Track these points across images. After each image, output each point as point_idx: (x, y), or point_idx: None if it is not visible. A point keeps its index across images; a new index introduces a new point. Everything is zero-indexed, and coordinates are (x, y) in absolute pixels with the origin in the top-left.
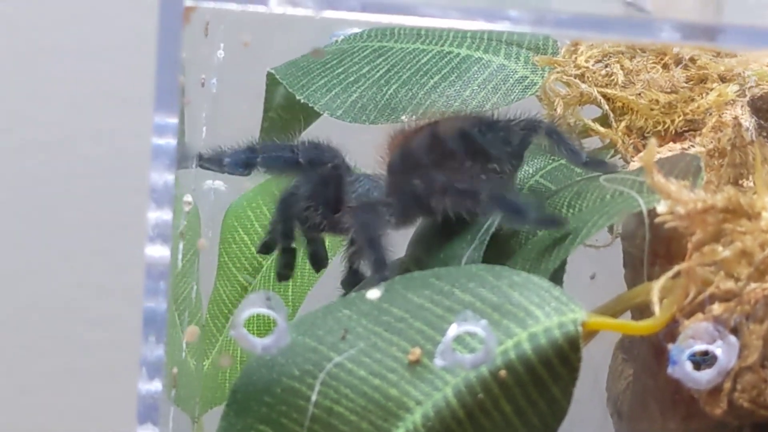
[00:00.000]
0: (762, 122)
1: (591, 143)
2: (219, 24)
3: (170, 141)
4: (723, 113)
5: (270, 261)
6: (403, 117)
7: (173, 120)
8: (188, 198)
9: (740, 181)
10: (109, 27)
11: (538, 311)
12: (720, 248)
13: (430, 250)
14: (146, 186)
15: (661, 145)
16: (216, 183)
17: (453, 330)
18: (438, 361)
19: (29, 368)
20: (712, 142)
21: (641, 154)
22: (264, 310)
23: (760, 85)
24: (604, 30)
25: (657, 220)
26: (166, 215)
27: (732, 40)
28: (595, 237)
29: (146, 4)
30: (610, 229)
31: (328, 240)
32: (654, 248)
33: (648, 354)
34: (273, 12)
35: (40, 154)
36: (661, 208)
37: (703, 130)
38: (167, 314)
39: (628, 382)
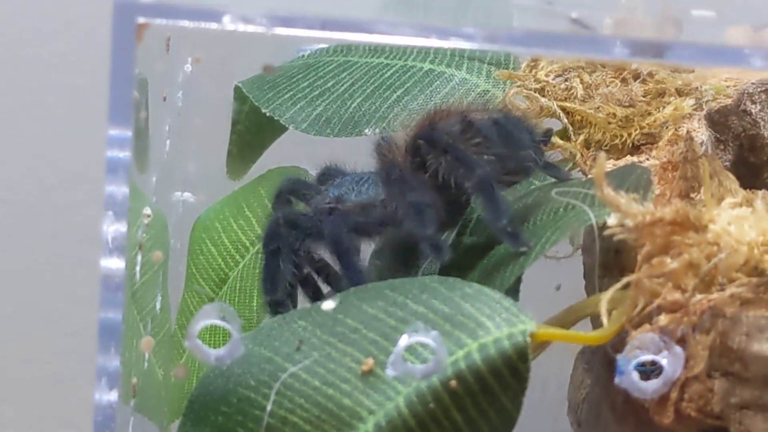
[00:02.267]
0: (719, 136)
1: (551, 156)
2: (185, 40)
3: (124, 154)
4: (680, 127)
5: (236, 273)
6: (367, 130)
7: (127, 133)
8: (147, 210)
9: (691, 194)
10: (75, 40)
11: (488, 322)
12: (668, 260)
13: (390, 261)
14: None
15: (618, 158)
16: (185, 195)
17: (404, 340)
18: (390, 372)
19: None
20: (666, 155)
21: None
22: (218, 322)
23: (717, 99)
24: (558, 47)
25: (606, 232)
26: (122, 227)
27: (680, 57)
28: (555, 248)
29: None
30: (572, 241)
31: None
32: (605, 260)
33: (601, 364)
34: (225, 29)
35: (10, 164)
36: (611, 220)
37: (660, 144)
38: (124, 325)
39: (586, 392)
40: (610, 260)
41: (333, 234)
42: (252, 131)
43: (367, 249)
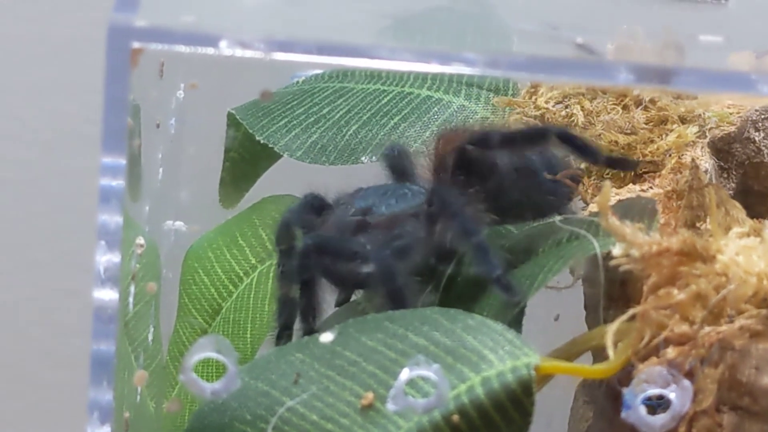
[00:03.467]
0: (722, 164)
1: None
2: (178, 65)
3: (117, 182)
4: (683, 155)
5: (229, 303)
6: (363, 158)
7: (120, 161)
8: (140, 240)
9: (697, 224)
10: (71, 65)
11: (491, 355)
12: (675, 291)
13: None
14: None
15: (620, 187)
16: (177, 224)
17: (405, 374)
18: (390, 406)
19: None
20: (670, 183)
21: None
22: (213, 355)
23: (720, 126)
24: (560, 73)
25: (612, 263)
26: (115, 257)
27: (686, 83)
28: (556, 279)
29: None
30: (572, 271)
31: None
32: (610, 291)
33: (604, 398)
34: (222, 54)
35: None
36: (616, 251)
37: (663, 172)
38: (116, 357)
39: (588, 425)
40: (615, 291)
41: (379, 260)
42: (245, 159)
43: None
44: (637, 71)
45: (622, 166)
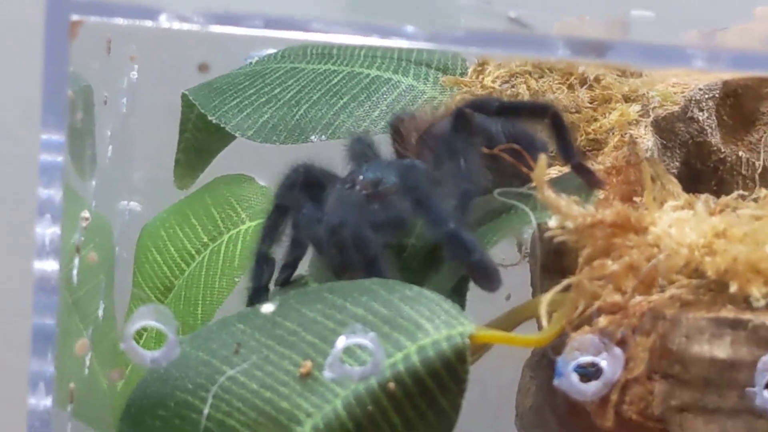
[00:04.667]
0: (666, 143)
1: None
2: (131, 44)
3: (59, 157)
4: (626, 133)
5: (181, 281)
6: (313, 137)
7: (61, 137)
8: (86, 214)
9: (635, 198)
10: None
11: (427, 324)
12: (609, 262)
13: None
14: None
15: (563, 165)
16: (131, 203)
17: (341, 342)
18: (327, 374)
19: None
20: (611, 160)
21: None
22: (153, 323)
23: (664, 105)
24: (499, 46)
25: (546, 234)
26: (58, 230)
27: (622, 57)
28: (503, 256)
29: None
30: (519, 248)
31: None
32: (546, 262)
33: (545, 369)
34: (161, 27)
35: None
36: (552, 223)
37: (605, 150)
38: (59, 328)
39: (533, 399)
40: (550, 262)
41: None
42: (199, 139)
43: None
44: (573, 45)
45: (586, 178)
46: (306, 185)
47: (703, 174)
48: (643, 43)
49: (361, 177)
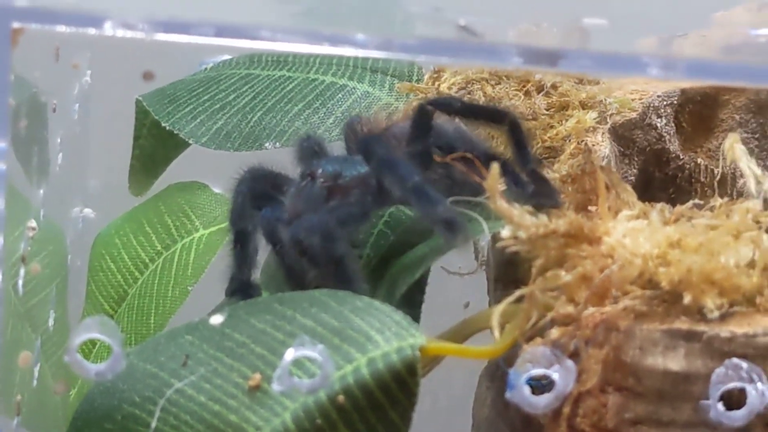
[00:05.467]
0: (623, 150)
1: None
2: (84, 51)
3: (1, 166)
4: (582, 140)
5: (135, 290)
6: (267, 144)
7: (3, 144)
8: (32, 223)
9: (590, 207)
10: None
11: (378, 336)
12: (562, 273)
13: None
14: None
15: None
16: (85, 211)
17: (290, 354)
18: (275, 386)
19: None
20: (567, 168)
21: None
22: (98, 336)
23: (621, 112)
24: (452, 55)
25: (499, 244)
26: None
27: (575, 66)
28: (459, 265)
29: None
30: (476, 256)
31: None
32: (499, 273)
33: (500, 380)
34: (106, 34)
35: None
36: (505, 232)
37: (561, 157)
38: (2, 338)
39: (488, 410)
40: (503, 272)
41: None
42: (154, 146)
43: None
44: (526, 54)
45: (541, 187)
46: (257, 194)
47: (661, 181)
48: (597, 51)
49: (320, 170)
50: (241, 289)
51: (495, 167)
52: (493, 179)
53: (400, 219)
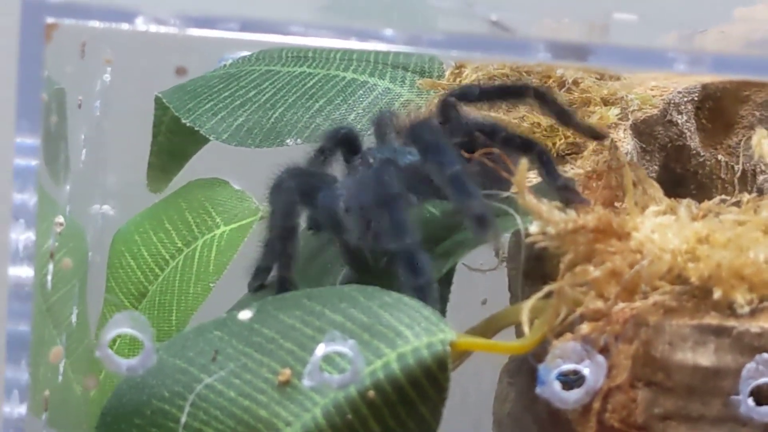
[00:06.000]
0: (645, 146)
1: None
2: (104, 46)
3: (34, 161)
4: None
5: (155, 287)
6: (289, 141)
7: (35, 140)
8: (60, 219)
9: (616, 203)
10: None
11: (407, 331)
12: (591, 268)
13: (306, 268)
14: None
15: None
16: (104, 207)
17: (320, 350)
18: (306, 382)
19: None
20: (591, 164)
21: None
22: (129, 331)
23: (642, 108)
24: (480, 49)
25: (528, 240)
26: (32, 236)
27: (603, 60)
28: (480, 261)
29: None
30: (497, 252)
31: None
32: (527, 268)
33: (525, 376)
34: (138, 30)
35: None
36: (533, 228)
37: (584, 153)
38: (33, 335)
39: (511, 406)
40: (531, 268)
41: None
42: (173, 142)
43: None
44: (554, 48)
45: (591, 134)
46: (303, 191)
47: (682, 177)
48: (624, 46)
49: (374, 158)
50: (284, 287)
51: (523, 162)
52: (521, 175)
53: (424, 216)
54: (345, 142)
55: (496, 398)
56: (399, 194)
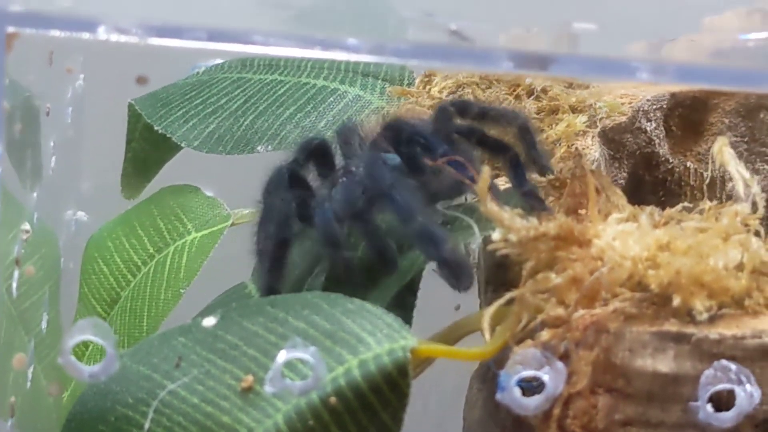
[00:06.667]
0: (613, 153)
1: None
2: (78, 55)
3: None
4: (572, 144)
5: (127, 293)
6: (259, 148)
7: None
8: (26, 226)
9: (580, 211)
10: None
11: (369, 338)
12: (553, 275)
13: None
14: None
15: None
16: (78, 214)
17: (282, 356)
18: (268, 388)
19: None
20: (557, 173)
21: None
22: (91, 337)
23: (611, 116)
24: (444, 59)
25: (489, 247)
26: None
27: (566, 70)
28: None
29: None
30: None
31: None
32: (489, 275)
33: (491, 381)
34: (99, 39)
35: None
36: (495, 235)
37: (551, 160)
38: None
39: (479, 412)
40: (494, 275)
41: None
42: (147, 149)
43: None
44: (516, 58)
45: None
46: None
47: (651, 185)
48: (587, 55)
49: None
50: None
51: (486, 170)
52: (483, 182)
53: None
54: (318, 154)
55: (467, 404)
56: (393, 183)
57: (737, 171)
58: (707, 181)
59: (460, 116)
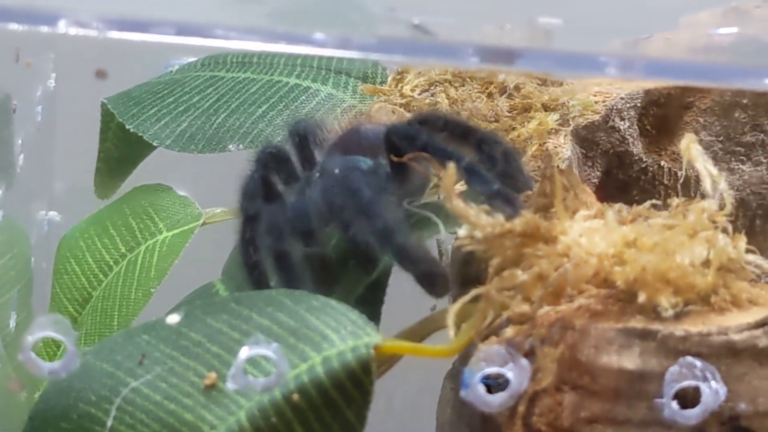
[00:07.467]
0: (586, 152)
1: None
2: (48, 53)
3: None
4: (545, 142)
5: (99, 292)
6: (231, 146)
7: None
8: None
9: (551, 209)
10: None
11: (333, 335)
12: (519, 272)
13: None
14: None
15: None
16: (50, 213)
17: (244, 353)
18: (230, 385)
19: None
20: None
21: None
22: (52, 334)
23: (584, 114)
24: (410, 54)
25: (455, 244)
26: None
27: (532, 65)
28: None
29: None
30: (440, 257)
31: None
32: (455, 272)
33: (459, 379)
34: (58, 32)
35: None
36: (461, 232)
37: (523, 159)
38: None
39: (451, 411)
40: (459, 272)
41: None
42: (120, 148)
43: None
44: (482, 53)
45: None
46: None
47: (625, 184)
48: (554, 51)
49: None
50: (251, 268)
51: (450, 167)
52: (448, 179)
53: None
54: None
55: (439, 404)
56: (371, 200)
57: (705, 168)
58: (681, 180)
59: (426, 129)
